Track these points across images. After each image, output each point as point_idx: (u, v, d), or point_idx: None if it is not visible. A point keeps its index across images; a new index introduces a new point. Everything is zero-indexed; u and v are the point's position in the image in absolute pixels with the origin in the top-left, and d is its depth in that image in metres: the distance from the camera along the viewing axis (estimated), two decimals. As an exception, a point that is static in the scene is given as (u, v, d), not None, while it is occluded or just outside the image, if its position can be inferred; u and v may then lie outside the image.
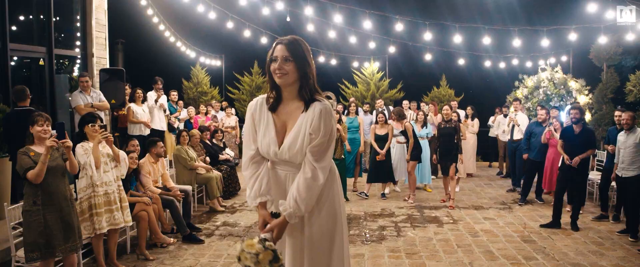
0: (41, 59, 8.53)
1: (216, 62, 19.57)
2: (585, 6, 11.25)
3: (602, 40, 12.78)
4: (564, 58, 16.01)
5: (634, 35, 12.00)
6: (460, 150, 9.02)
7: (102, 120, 5.54)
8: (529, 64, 16.03)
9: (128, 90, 9.42)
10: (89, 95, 8.09)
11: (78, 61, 9.52)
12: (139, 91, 9.37)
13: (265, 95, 2.89)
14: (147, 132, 9.39)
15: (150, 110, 9.66)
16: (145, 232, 6.13)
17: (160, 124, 9.88)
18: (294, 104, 2.80)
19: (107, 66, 9.67)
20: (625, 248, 6.56)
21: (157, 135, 9.46)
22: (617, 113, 8.00)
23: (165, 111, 10.14)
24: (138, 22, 15.14)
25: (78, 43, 9.43)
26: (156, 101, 9.81)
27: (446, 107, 9.35)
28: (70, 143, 4.52)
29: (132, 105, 9.28)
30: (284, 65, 2.70)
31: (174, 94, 11.69)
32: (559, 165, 7.90)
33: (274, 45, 2.77)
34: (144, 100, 9.59)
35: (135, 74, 12.78)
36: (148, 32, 15.68)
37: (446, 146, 9.03)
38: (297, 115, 2.77)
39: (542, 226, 7.50)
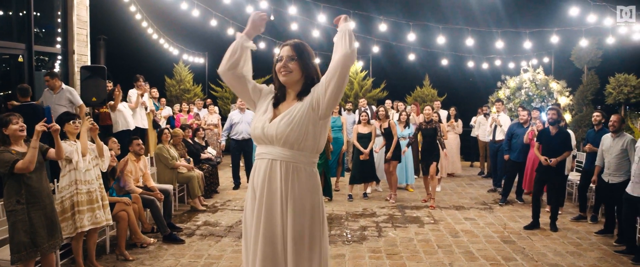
0: (20, 56, 8.41)
1: (199, 60, 19.47)
2: (567, 9, 11.39)
3: (583, 43, 12.96)
4: (545, 60, 16.17)
5: (614, 38, 12.16)
6: (443, 145, 9.10)
7: (79, 118, 5.48)
8: (511, 65, 16.17)
9: (110, 87, 9.32)
10: (56, 94, 7.96)
11: (59, 58, 9.40)
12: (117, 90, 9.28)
13: (272, 86, 3.05)
14: (131, 128, 9.30)
15: (134, 107, 9.58)
16: (125, 232, 6.07)
17: (142, 121, 9.79)
18: (292, 100, 2.91)
19: (89, 63, 9.56)
20: (603, 249, 6.64)
21: (139, 132, 9.40)
22: (595, 114, 8.08)
23: (146, 109, 10.05)
24: (120, 18, 14.99)
25: (59, 39, 9.31)
26: (142, 95, 9.76)
27: (428, 107, 9.38)
28: (58, 126, 4.52)
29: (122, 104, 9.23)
30: (289, 64, 2.83)
31: (155, 92, 11.59)
32: (537, 166, 7.96)
33: (281, 47, 2.93)
34: (124, 99, 9.51)
35: (118, 72, 12.64)
36: (131, 29, 15.53)
37: (428, 146, 9.12)
38: (293, 105, 2.87)
39: (525, 228, 7.55)
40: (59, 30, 9.25)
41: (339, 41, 2.76)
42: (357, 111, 12.86)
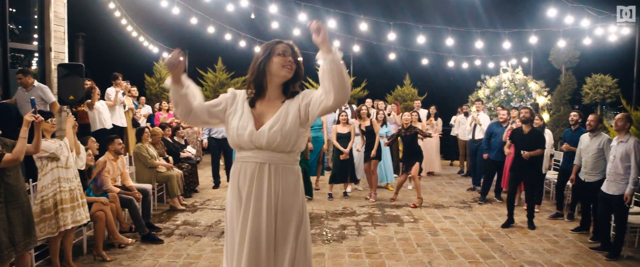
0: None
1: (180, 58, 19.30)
2: (545, 10, 11.53)
3: (561, 43, 13.14)
4: (524, 60, 16.35)
5: (591, 39, 12.34)
6: (426, 135, 9.52)
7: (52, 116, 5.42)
8: (491, 65, 16.33)
9: (88, 85, 9.19)
10: (28, 92, 7.83)
11: (36, 56, 9.25)
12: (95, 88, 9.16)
13: (245, 91, 3.00)
14: (109, 126, 9.19)
15: (113, 105, 9.48)
16: (102, 232, 5.98)
17: (121, 120, 9.69)
18: (274, 99, 2.93)
19: (66, 61, 9.42)
20: (579, 246, 6.74)
21: (118, 131, 9.30)
22: (572, 114, 8.19)
23: (124, 107, 9.95)
24: (99, 16, 14.79)
25: (35, 36, 9.16)
26: (124, 94, 9.66)
27: (406, 114, 9.41)
28: (42, 118, 4.48)
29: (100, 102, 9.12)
30: (293, 61, 2.90)
31: (134, 90, 11.46)
32: (511, 165, 8.05)
33: (275, 43, 2.91)
34: (103, 97, 9.41)
35: (97, 69, 12.48)
36: (110, 27, 15.34)
37: (408, 151, 9.20)
38: (277, 106, 2.89)
39: (502, 226, 7.63)
40: (36, 27, 9.09)
41: (333, 78, 2.66)
42: (337, 110, 12.86)
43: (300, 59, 2.96)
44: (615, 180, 6.26)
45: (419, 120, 10.65)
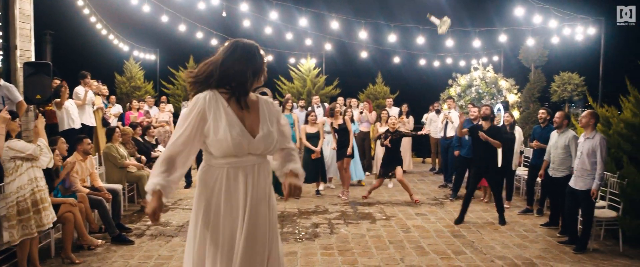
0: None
1: (151, 57, 19.06)
2: (514, 9, 11.69)
3: (530, 42, 13.35)
4: (495, 58, 16.57)
5: (558, 38, 12.55)
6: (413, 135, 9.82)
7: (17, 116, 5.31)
8: (462, 63, 16.50)
9: (55, 84, 9.01)
10: None
11: (0, 54, 9.03)
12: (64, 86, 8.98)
13: (211, 91, 2.87)
14: (78, 126, 9.01)
15: (82, 104, 9.30)
16: (71, 234, 5.84)
17: (90, 119, 9.51)
18: (247, 101, 2.96)
19: (33, 59, 9.22)
20: (547, 240, 6.86)
21: (86, 131, 9.13)
22: (540, 112, 8.34)
23: (93, 106, 9.77)
24: (67, 13, 14.50)
25: (0, 34, 8.94)
26: (97, 94, 9.48)
27: (393, 118, 9.35)
28: (9, 116, 4.39)
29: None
30: None
31: (105, 89, 11.27)
32: (472, 162, 8.16)
33: (262, 53, 3.00)
34: (71, 96, 9.22)
35: (66, 68, 12.23)
36: (78, 24, 15.05)
37: (392, 153, 9.07)
38: (254, 109, 2.96)
39: (455, 222, 7.72)
40: (0, 24, 8.88)
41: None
42: (309, 109, 12.87)
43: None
44: (582, 175, 6.39)
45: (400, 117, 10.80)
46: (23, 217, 5.02)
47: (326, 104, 13.24)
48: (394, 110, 12.96)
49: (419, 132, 9.74)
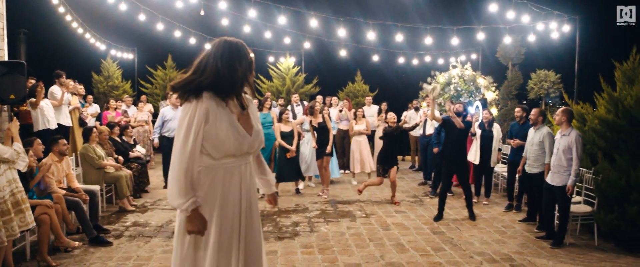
0: None
1: (128, 56, 18.87)
2: (491, 8, 11.80)
3: (507, 40, 13.49)
4: (473, 56, 16.71)
5: (535, 36, 12.71)
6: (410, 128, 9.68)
7: None
8: (440, 61, 16.60)
9: (30, 84, 8.85)
10: None
11: (-29, 53, 8.86)
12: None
13: (207, 92, 2.86)
14: (54, 126, 8.87)
15: (59, 104, 9.16)
16: (47, 236, 5.73)
17: (66, 119, 9.37)
18: (234, 102, 3.01)
19: (6, 58, 9.06)
20: (525, 235, 6.95)
21: (62, 131, 9.00)
22: (517, 109, 8.46)
23: (69, 105, 9.64)
24: (42, 11, 14.26)
25: (-29, 33, 8.77)
26: (73, 94, 9.34)
27: (391, 114, 9.23)
28: None
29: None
30: None
31: (81, 88, 11.11)
32: (443, 158, 8.22)
33: (250, 56, 3.02)
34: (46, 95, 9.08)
35: (41, 68, 12.02)
36: (54, 23, 14.81)
37: (390, 150, 8.91)
38: (245, 106, 3.03)
39: (434, 219, 7.79)
40: (-29, 23, 8.71)
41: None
42: (282, 108, 12.87)
43: None
44: (558, 172, 6.48)
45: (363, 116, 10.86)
46: (5, 218, 4.94)
47: (305, 103, 13.24)
48: (373, 109, 13.01)
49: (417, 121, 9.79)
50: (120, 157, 8.89)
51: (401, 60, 16.53)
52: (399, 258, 5.93)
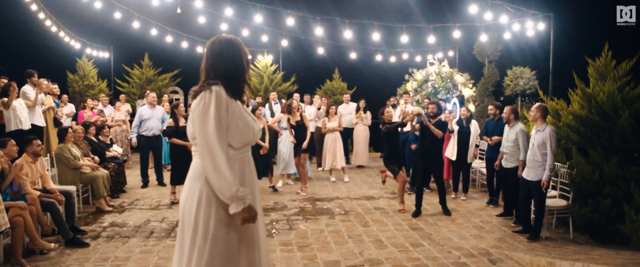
0: None
1: (104, 54, 18.62)
2: (467, 5, 11.90)
3: (483, 37, 13.63)
4: (450, 53, 16.82)
5: (510, 33, 12.86)
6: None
7: None
8: (418, 59, 16.70)
9: (2, 83, 8.71)
10: None
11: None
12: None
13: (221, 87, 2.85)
14: (27, 127, 8.71)
15: (33, 105, 9.00)
16: (21, 239, 5.62)
17: (39, 119, 9.21)
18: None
19: (-23, 58, 8.89)
20: (502, 230, 7.03)
21: (36, 131, 8.84)
22: (490, 107, 8.60)
23: (42, 105, 9.48)
24: (14, 9, 14.02)
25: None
26: (47, 93, 9.20)
27: (389, 110, 8.81)
28: None
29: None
30: None
31: (55, 88, 10.93)
32: (418, 155, 8.27)
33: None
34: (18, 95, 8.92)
35: (14, 67, 11.78)
36: (26, 21, 14.57)
37: (392, 148, 8.34)
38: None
39: (412, 215, 7.84)
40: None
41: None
42: (267, 105, 12.85)
43: None
44: (533, 167, 6.57)
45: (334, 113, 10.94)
46: None
47: (283, 100, 13.22)
48: (351, 106, 13.04)
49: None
50: (96, 158, 8.78)
51: (379, 57, 16.59)
52: (377, 254, 5.95)
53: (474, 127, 9.20)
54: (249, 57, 3.03)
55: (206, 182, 2.77)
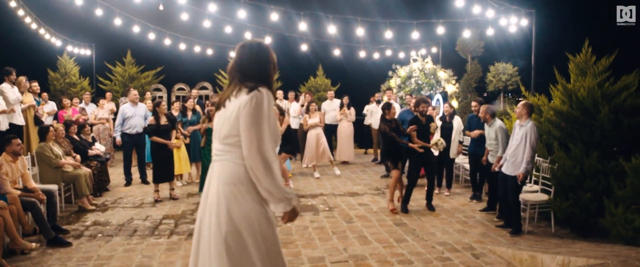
0: None
1: (86, 52, 18.40)
2: (451, 2, 11.95)
3: (466, 34, 13.70)
4: (434, 50, 16.89)
5: (494, 30, 12.94)
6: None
7: None
8: (402, 55, 16.73)
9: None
10: None
11: None
12: None
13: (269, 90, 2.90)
14: (4, 126, 8.59)
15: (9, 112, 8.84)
16: (1, 239, 5.55)
17: (19, 118, 9.07)
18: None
19: (-45, 56, 8.74)
20: (486, 225, 7.10)
21: (16, 130, 8.73)
22: (473, 104, 8.67)
23: (21, 104, 9.33)
24: (-7, 6, 13.81)
25: None
26: (27, 91, 9.08)
27: (394, 106, 8.63)
28: None
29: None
30: None
31: (35, 85, 10.75)
32: (410, 152, 8.29)
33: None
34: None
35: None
36: (4, 18, 14.34)
37: (394, 145, 8.07)
38: None
39: (401, 210, 7.90)
40: None
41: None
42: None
43: None
44: (514, 161, 6.63)
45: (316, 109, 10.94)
46: None
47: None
48: (335, 102, 13.04)
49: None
50: (78, 156, 8.70)
51: (362, 54, 16.59)
52: (362, 250, 5.98)
53: (457, 123, 9.26)
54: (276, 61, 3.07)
55: (251, 183, 2.82)
